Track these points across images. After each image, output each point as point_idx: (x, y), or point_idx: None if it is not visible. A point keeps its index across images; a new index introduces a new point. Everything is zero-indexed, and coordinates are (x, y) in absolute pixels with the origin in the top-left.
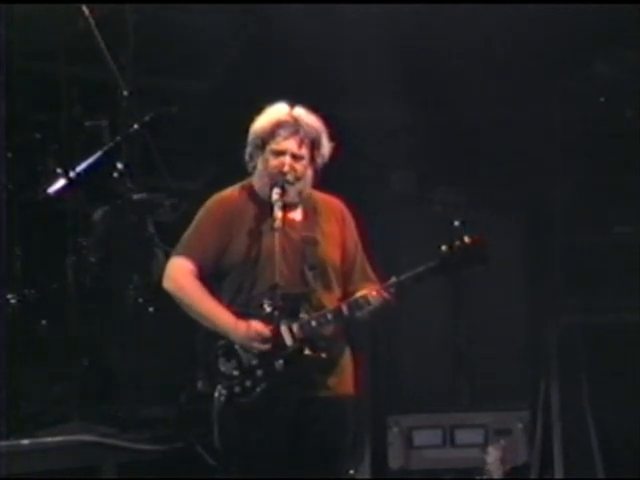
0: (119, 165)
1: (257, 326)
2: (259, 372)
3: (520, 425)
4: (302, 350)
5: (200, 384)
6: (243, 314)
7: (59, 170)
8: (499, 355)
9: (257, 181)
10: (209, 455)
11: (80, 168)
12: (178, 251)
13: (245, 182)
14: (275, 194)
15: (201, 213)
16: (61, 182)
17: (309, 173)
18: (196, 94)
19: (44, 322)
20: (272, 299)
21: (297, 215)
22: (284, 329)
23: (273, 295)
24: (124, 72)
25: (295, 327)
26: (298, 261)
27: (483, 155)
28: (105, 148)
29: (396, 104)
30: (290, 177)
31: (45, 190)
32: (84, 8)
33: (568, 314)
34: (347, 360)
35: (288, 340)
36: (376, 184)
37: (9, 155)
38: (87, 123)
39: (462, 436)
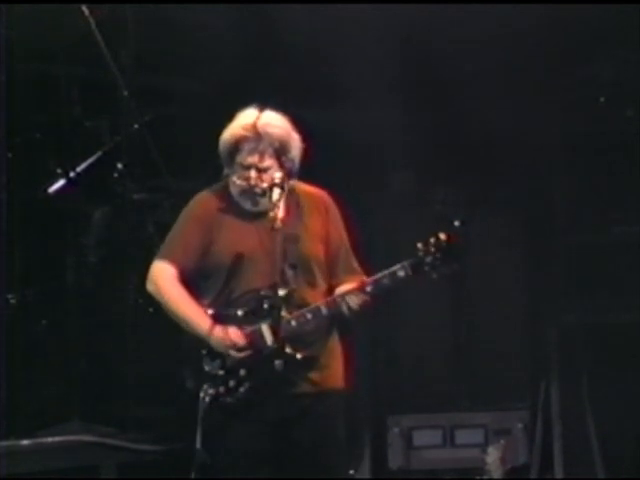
0: (119, 165)
1: (233, 334)
2: (242, 371)
3: (520, 425)
4: (283, 348)
5: (188, 383)
6: (223, 316)
7: (59, 170)
8: (499, 355)
9: (232, 188)
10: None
11: (80, 168)
12: (160, 254)
13: (224, 182)
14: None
15: (182, 215)
16: (61, 182)
17: (282, 179)
18: (196, 94)
19: (44, 322)
20: (252, 300)
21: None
22: (265, 328)
23: (253, 297)
24: (124, 72)
25: (276, 327)
26: (280, 260)
27: (483, 155)
28: (105, 148)
29: (396, 104)
30: (258, 190)
31: (45, 190)
32: (84, 8)
33: (568, 314)
34: (334, 355)
35: (269, 339)
36: (376, 184)
37: (9, 155)
38: (87, 123)
39: (462, 436)
